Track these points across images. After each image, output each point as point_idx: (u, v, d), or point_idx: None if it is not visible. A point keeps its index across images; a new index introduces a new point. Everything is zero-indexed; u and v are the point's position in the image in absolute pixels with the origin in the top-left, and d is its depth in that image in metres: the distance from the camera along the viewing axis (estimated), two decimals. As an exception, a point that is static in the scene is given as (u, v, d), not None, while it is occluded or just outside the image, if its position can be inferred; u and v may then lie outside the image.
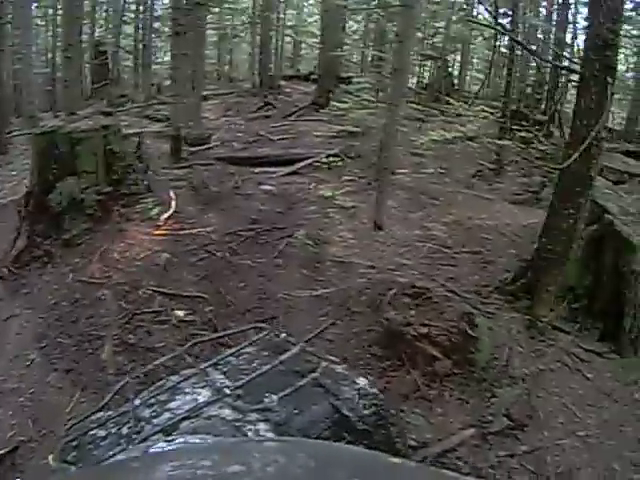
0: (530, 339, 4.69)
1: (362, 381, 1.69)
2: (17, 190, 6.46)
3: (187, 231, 5.61)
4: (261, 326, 1.89)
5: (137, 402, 1.62)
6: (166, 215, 5.64)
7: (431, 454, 3.67)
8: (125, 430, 1.53)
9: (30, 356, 4.50)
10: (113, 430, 1.59)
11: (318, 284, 5.26)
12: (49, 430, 3.85)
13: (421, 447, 3.67)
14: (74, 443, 1.58)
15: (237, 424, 1.44)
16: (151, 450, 1.12)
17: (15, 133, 9.81)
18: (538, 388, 4.26)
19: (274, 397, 1.51)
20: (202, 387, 1.67)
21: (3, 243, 5.46)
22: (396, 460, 0.65)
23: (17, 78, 11.89)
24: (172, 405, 1.61)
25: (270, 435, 1.39)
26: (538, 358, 4.54)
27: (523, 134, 8.48)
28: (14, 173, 7.72)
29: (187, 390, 1.68)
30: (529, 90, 12.28)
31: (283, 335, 1.92)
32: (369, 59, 17.20)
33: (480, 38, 15.68)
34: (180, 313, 4.79)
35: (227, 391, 1.55)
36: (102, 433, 1.59)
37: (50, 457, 1.56)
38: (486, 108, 8.45)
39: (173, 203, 5.83)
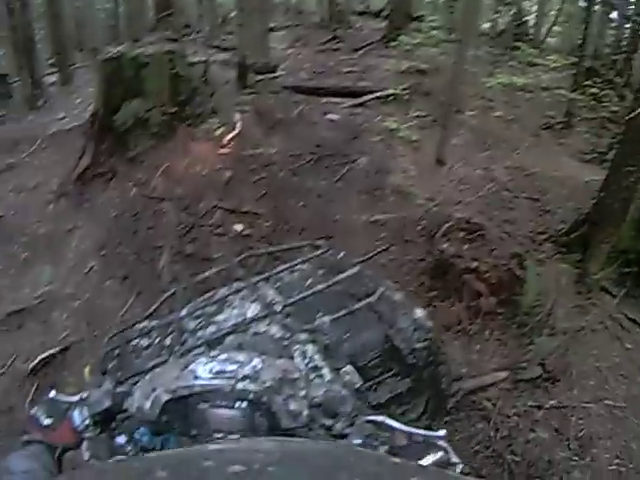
0: (576, 294, 4.41)
1: (419, 312, 1.52)
2: (81, 116, 6.36)
3: (250, 152, 5.43)
4: (319, 244, 1.71)
5: (183, 313, 1.51)
6: (230, 136, 5.46)
7: (462, 389, 3.58)
8: (168, 341, 1.43)
9: (89, 264, 4.52)
10: (156, 340, 1.50)
11: (376, 210, 5.08)
12: (101, 332, 3.86)
13: (454, 380, 3.59)
14: (116, 352, 1.50)
15: (284, 343, 1.31)
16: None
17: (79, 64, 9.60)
18: (576, 345, 4.02)
19: (325, 319, 1.37)
20: (252, 302, 1.54)
21: (68, 163, 5.41)
22: (397, 460, 0.65)
23: (80, 14, 11.58)
24: (219, 318, 1.50)
25: (317, 357, 1.27)
26: (581, 315, 4.27)
27: (595, 91, 7.76)
28: (78, 101, 7.64)
29: (236, 304, 1.56)
30: (606, 50, 11.20)
31: (341, 255, 1.75)
32: None
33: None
34: (238, 227, 4.71)
35: (277, 308, 1.41)
36: (145, 342, 1.50)
37: (85, 370, 1.47)
38: (559, 59, 7.76)
39: (238, 125, 5.64)
